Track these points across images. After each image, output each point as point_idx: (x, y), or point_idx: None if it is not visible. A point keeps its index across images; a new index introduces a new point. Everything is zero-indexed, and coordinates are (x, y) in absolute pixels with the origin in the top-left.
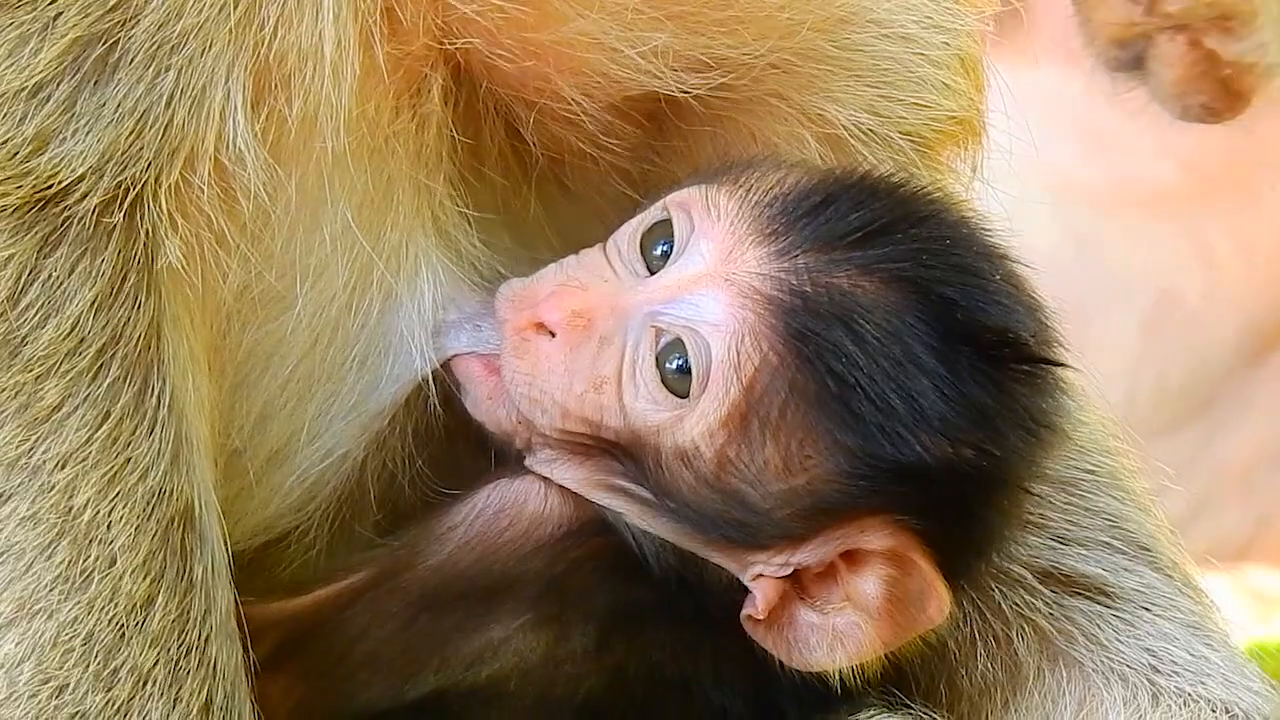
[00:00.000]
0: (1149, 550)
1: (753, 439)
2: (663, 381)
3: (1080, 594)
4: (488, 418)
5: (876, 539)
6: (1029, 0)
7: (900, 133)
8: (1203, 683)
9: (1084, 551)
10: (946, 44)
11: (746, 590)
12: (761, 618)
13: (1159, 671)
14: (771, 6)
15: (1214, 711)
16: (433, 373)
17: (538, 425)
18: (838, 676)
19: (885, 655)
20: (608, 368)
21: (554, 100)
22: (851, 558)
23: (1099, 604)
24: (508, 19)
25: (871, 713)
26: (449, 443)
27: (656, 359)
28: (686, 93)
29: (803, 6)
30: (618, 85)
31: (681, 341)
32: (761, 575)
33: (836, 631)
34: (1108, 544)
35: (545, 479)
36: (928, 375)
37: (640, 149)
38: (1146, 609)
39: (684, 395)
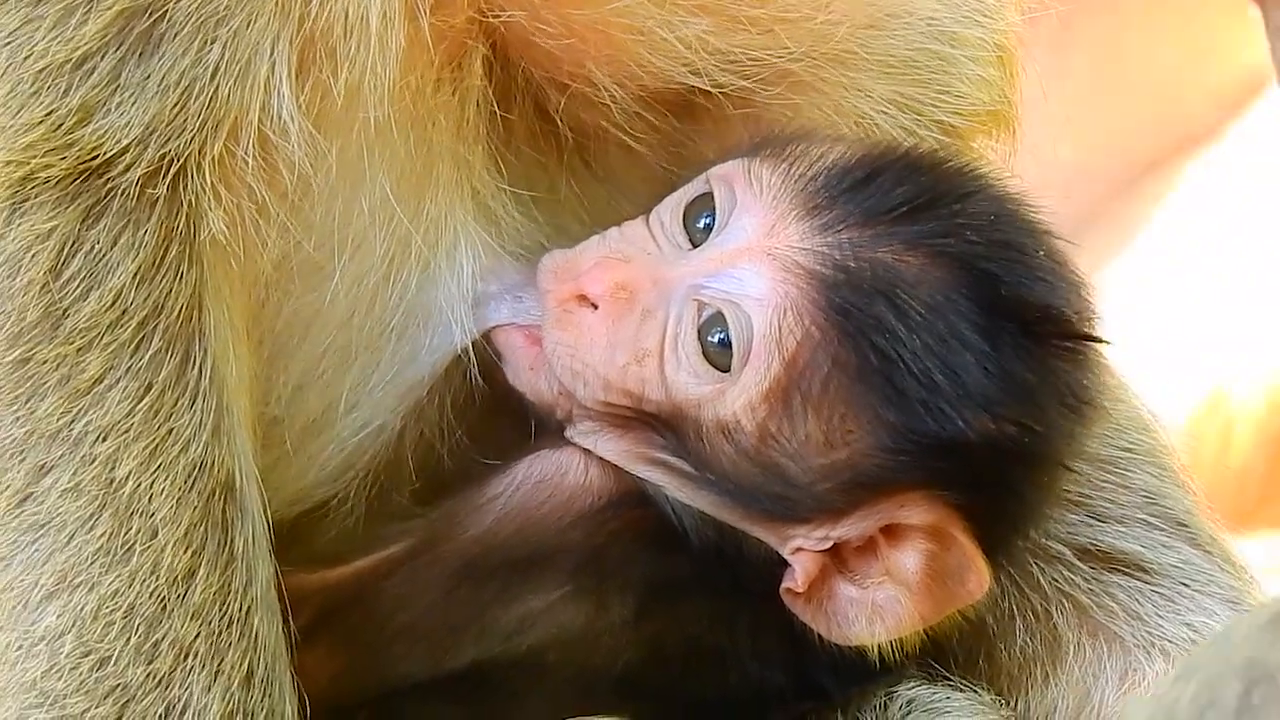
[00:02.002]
0: (1187, 526)
1: (794, 413)
2: (704, 355)
3: (1119, 570)
4: (528, 388)
5: (916, 514)
6: None
7: (933, 122)
8: None
9: (1122, 528)
10: (983, 39)
11: (785, 564)
12: (801, 591)
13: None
14: (809, 7)
15: None
16: (472, 344)
17: (579, 397)
18: (876, 650)
19: (924, 630)
20: (650, 340)
21: (586, 85)
22: (891, 532)
23: (1138, 580)
24: None
25: (912, 684)
26: (488, 414)
27: (698, 332)
28: (721, 89)
29: (841, 8)
30: (652, 75)
31: (723, 315)
32: (801, 549)
33: (876, 605)
34: (1146, 521)
35: (585, 451)
36: (971, 351)
37: (671, 134)
38: (1185, 585)
39: (725, 369)
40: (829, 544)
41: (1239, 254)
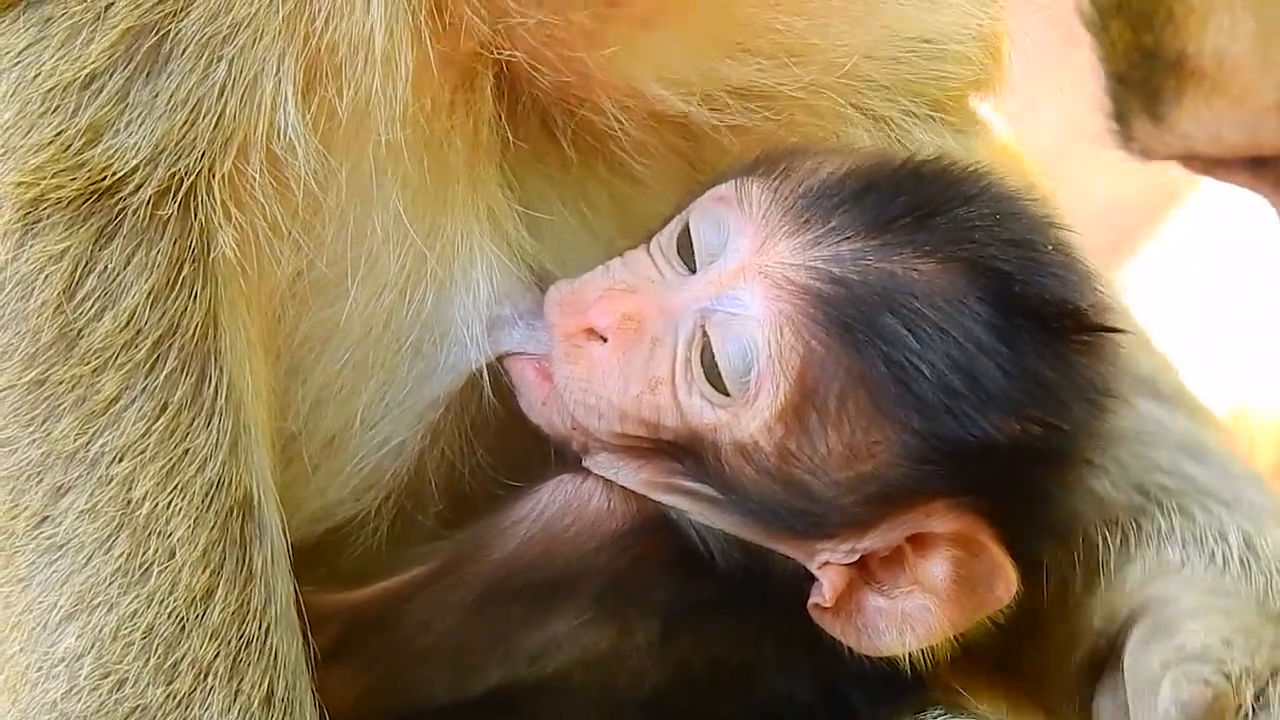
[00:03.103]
0: (1149, 381)
1: (812, 430)
2: (715, 378)
3: None
4: (543, 422)
5: (943, 522)
6: None
7: (926, 102)
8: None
9: None
10: (963, 24)
11: (812, 578)
12: (829, 605)
13: (1144, 513)
14: (816, 37)
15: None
16: (487, 365)
17: (593, 430)
18: (907, 661)
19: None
20: (661, 368)
21: (593, 112)
22: (918, 541)
23: None
24: (551, 38)
25: (937, 711)
26: (507, 433)
27: (706, 356)
28: (729, 124)
29: (849, 38)
30: (658, 104)
31: (728, 337)
32: (828, 563)
33: (905, 615)
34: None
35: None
36: (990, 355)
37: (677, 154)
38: (1140, 444)
39: (737, 391)
40: (856, 556)
41: (1264, 272)
